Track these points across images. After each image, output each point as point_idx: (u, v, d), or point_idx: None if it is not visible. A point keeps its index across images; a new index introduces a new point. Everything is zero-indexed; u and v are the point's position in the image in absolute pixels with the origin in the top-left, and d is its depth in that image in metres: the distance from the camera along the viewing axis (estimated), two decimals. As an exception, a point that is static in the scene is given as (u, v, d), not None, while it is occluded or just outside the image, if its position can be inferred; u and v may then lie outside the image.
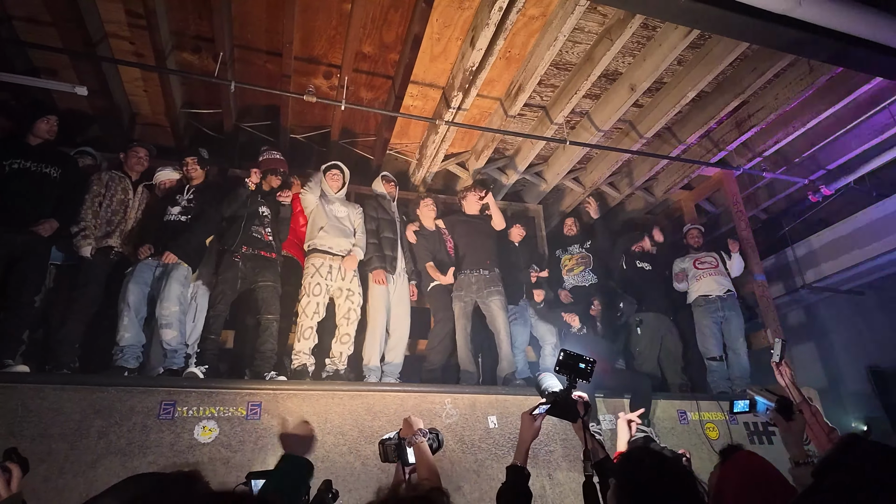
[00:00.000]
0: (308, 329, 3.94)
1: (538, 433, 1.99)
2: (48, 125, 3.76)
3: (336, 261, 4.21)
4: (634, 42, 4.14)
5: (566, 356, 2.03)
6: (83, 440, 2.98)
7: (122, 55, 4.14)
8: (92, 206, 3.82)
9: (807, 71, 4.31)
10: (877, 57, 3.42)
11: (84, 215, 3.76)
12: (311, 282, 4.07)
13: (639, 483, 1.42)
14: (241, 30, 4.05)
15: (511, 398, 3.90)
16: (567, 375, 2.02)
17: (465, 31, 3.88)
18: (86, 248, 3.66)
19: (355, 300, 4.16)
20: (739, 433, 4.27)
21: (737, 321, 4.92)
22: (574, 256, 5.28)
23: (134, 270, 3.68)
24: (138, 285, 3.61)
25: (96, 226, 3.80)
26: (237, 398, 3.36)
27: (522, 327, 4.69)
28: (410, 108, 4.59)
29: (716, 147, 5.26)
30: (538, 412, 1.97)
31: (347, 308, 4.12)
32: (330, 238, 4.26)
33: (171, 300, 3.58)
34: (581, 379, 2.02)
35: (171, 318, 3.57)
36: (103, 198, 3.88)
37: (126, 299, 3.55)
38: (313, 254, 4.21)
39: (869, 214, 5.84)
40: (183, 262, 3.71)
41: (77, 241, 3.69)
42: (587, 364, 2.02)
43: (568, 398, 1.98)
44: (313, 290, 4.03)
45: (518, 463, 1.86)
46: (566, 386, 2.02)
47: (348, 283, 4.19)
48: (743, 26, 3.25)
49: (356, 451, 3.38)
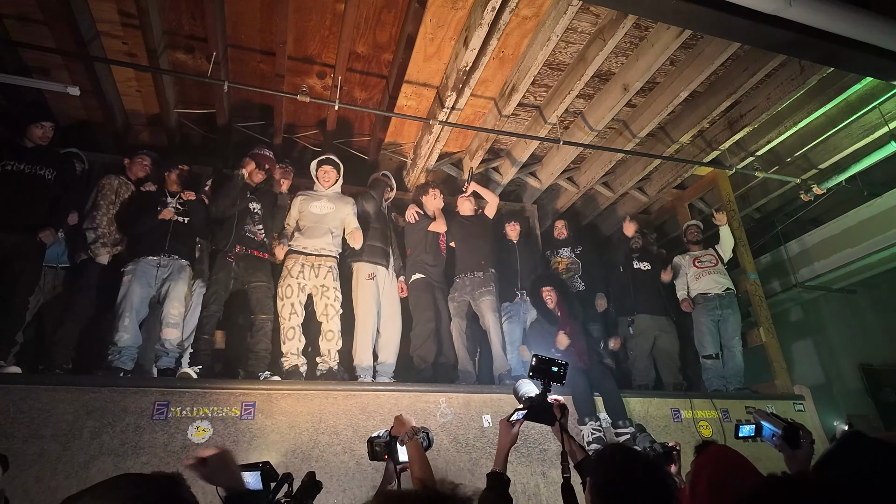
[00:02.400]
0: (290, 330, 3.94)
1: (516, 439, 2.01)
2: (42, 131, 3.76)
3: (310, 259, 4.18)
4: (627, 42, 4.15)
5: (539, 361, 2.04)
6: (76, 441, 2.98)
7: (115, 55, 4.11)
8: (107, 214, 3.91)
9: (798, 71, 4.34)
10: (866, 57, 3.45)
11: (100, 222, 3.86)
12: (282, 284, 4.09)
13: (610, 478, 1.45)
14: (234, 30, 4.04)
15: (505, 397, 3.90)
16: (541, 380, 2.03)
17: (459, 31, 3.89)
18: (103, 255, 3.75)
19: (330, 296, 4.12)
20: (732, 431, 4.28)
21: (734, 320, 4.97)
22: (563, 260, 5.30)
23: (136, 269, 3.67)
24: (142, 286, 3.61)
25: (111, 233, 3.88)
26: (231, 398, 3.36)
27: (517, 325, 4.70)
28: (404, 108, 4.60)
29: (709, 146, 5.29)
30: (515, 418, 1.99)
31: (324, 305, 4.10)
32: (305, 239, 4.25)
33: (178, 300, 3.60)
34: (555, 382, 2.04)
35: (178, 318, 3.58)
36: (113, 205, 3.96)
37: (129, 300, 3.55)
38: (289, 255, 4.22)
39: (860, 213, 5.89)
40: (188, 263, 3.73)
41: (95, 248, 3.77)
42: (559, 367, 2.03)
43: (544, 402, 1.99)
44: (285, 293, 4.04)
45: (497, 469, 1.88)
46: (541, 390, 2.02)
47: (322, 280, 4.14)
48: (734, 27, 3.27)
49: (350, 450, 3.39)
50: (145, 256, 3.71)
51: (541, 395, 2.00)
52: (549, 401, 1.99)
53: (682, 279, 5.27)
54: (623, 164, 5.75)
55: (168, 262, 3.75)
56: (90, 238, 3.83)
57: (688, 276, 5.25)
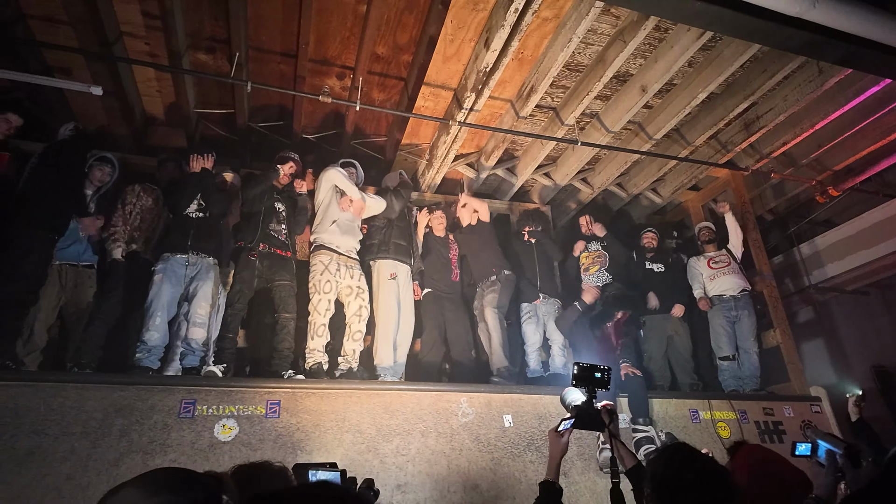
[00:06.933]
0: (321, 326, 3.96)
1: (566, 448, 1.99)
2: (7, 125, 3.88)
3: (342, 259, 4.22)
4: (646, 44, 4.17)
5: (580, 369, 2.05)
6: (105, 438, 3.01)
7: (137, 56, 4.15)
8: (122, 215, 4.02)
9: (816, 73, 4.35)
10: (888, 59, 3.46)
11: (115, 222, 3.96)
12: (320, 279, 4.08)
13: (674, 479, 1.44)
14: (255, 31, 4.07)
15: (526, 397, 3.93)
16: (585, 387, 2.04)
17: (479, 32, 3.91)
18: (116, 250, 3.82)
19: (365, 297, 4.18)
20: (751, 432, 4.31)
21: (749, 321, 4.97)
22: (591, 254, 5.29)
23: (166, 268, 3.70)
24: (172, 285, 3.64)
25: (125, 231, 3.95)
26: (256, 397, 3.39)
27: (536, 326, 4.72)
28: (422, 109, 4.62)
29: (724, 148, 5.30)
30: (563, 428, 1.99)
31: (358, 305, 4.14)
32: (339, 236, 4.28)
33: (206, 299, 3.62)
34: (599, 388, 2.04)
35: (205, 317, 3.60)
36: (134, 206, 4.07)
37: (160, 299, 3.57)
38: (320, 250, 4.22)
39: (874, 215, 5.88)
40: (216, 261, 3.79)
41: (108, 245, 3.87)
42: (602, 372, 2.04)
43: (590, 409, 2.00)
44: (324, 288, 4.04)
45: (550, 478, 1.89)
46: (587, 397, 2.03)
47: (357, 282, 4.20)
48: (757, 28, 3.28)
49: (374, 448, 3.41)
50: (174, 255, 3.75)
51: (587, 402, 2.00)
52: (597, 407, 1.99)
53: (698, 280, 5.28)
54: (637, 164, 5.75)
55: (196, 261, 3.77)
56: (104, 236, 3.95)
57: (703, 277, 5.26)
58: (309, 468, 1.74)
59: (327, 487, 0.95)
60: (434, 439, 3.55)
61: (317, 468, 1.69)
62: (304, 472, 1.73)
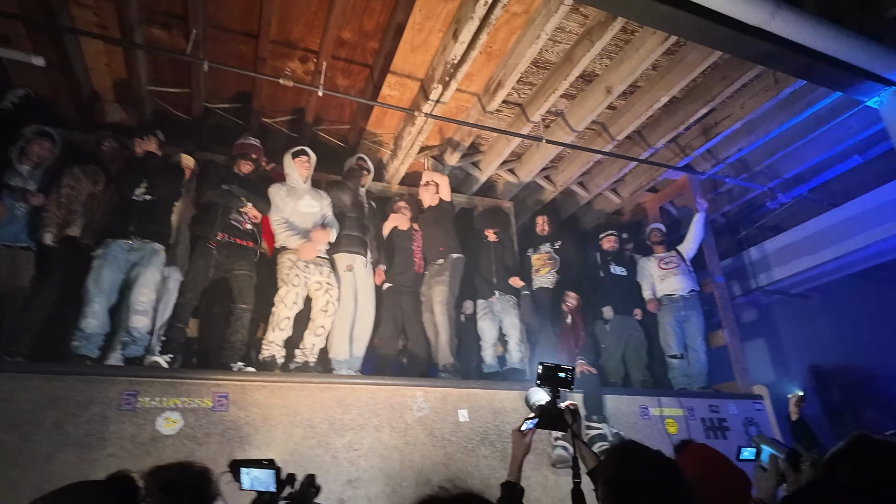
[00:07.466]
0: (285, 320, 3.83)
1: (529, 448, 1.98)
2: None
3: (311, 258, 4.11)
4: (613, 45, 4.20)
5: (545, 368, 2.04)
6: (37, 431, 2.83)
7: (85, 27, 3.90)
8: (56, 198, 3.74)
9: (773, 83, 4.48)
10: (841, 74, 3.60)
11: (48, 206, 3.69)
12: (290, 273, 3.95)
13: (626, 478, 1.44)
14: (215, 8, 3.88)
15: (482, 392, 3.93)
16: (549, 387, 2.03)
17: (448, 23, 3.85)
18: (46, 235, 3.57)
19: (333, 293, 4.07)
20: (697, 428, 4.44)
21: (697, 320, 5.11)
22: (542, 256, 5.34)
23: (106, 254, 3.50)
24: (112, 271, 3.43)
25: (58, 215, 3.69)
26: (203, 389, 3.26)
27: (492, 322, 4.73)
28: (387, 98, 4.52)
29: (682, 152, 5.42)
30: (526, 427, 1.98)
31: (326, 301, 4.02)
32: (298, 240, 4.13)
33: (148, 286, 3.43)
34: (563, 388, 2.04)
35: (147, 305, 3.42)
36: (72, 189, 3.79)
37: (99, 284, 3.37)
38: (285, 251, 4.10)
39: (819, 223, 6.14)
40: (162, 247, 3.57)
41: (39, 230, 3.61)
42: (566, 372, 2.04)
43: (554, 409, 1.99)
44: (293, 281, 3.92)
45: (512, 479, 1.87)
46: (551, 397, 2.03)
47: (326, 277, 4.09)
48: (719, 36, 3.36)
49: (326, 443, 3.34)
50: (116, 240, 3.54)
51: (550, 402, 2.00)
52: (560, 407, 1.99)
53: (648, 280, 5.39)
54: (599, 164, 5.82)
55: (140, 246, 3.58)
56: (40, 219, 3.68)
57: (654, 277, 5.38)
58: (242, 465, 1.67)
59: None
60: (388, 434, 3.51)
61: (251, 465, 1.62)
62: (238, 470, 1.66)
